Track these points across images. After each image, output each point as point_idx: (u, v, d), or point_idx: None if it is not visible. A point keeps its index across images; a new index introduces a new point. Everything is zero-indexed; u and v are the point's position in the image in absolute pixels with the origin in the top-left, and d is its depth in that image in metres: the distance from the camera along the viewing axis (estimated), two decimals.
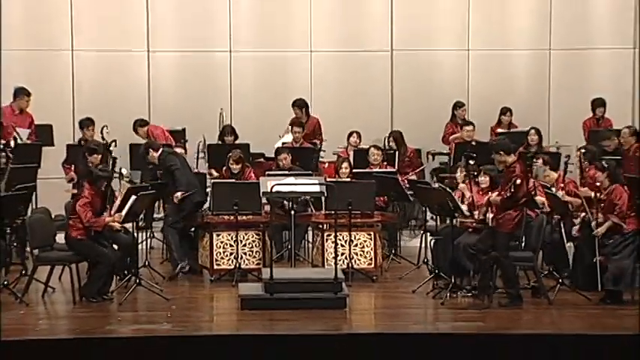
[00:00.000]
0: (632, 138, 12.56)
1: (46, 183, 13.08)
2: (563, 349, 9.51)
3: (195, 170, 13.21)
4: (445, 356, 9.34)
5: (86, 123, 13.66)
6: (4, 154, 11.79)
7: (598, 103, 14.65)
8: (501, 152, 10.57)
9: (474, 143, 13.77)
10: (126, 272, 11.28)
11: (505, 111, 14.74)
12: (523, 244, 10.70)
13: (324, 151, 13.81)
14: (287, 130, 14.01)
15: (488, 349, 9.43)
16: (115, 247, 11.11)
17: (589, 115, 14.59)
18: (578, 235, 11.22)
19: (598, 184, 10.88)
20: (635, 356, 9.29)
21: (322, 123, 14.59)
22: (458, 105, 14.77)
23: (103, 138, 12.93)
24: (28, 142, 13.31)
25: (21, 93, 13.70)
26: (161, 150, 12.28)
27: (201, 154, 13.81)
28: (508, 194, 10.31)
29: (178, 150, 13.14)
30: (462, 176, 11.56)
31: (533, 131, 13.98)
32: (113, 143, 12.52)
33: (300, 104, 14.45)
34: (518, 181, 10.27)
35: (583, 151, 11.52)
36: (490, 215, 10.70)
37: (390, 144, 13.99)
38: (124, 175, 12.02)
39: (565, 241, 11.44)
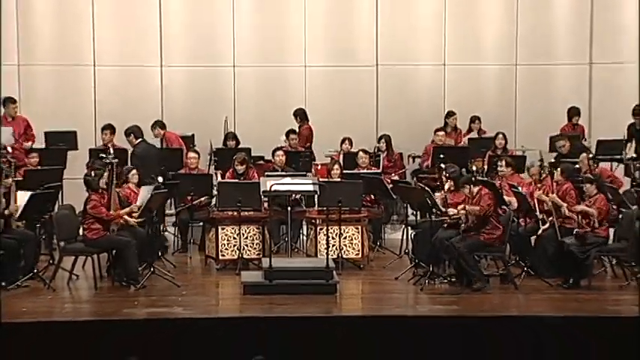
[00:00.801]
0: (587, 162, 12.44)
1: (71, 183, 13.03)
2: (528, 329, 9.55)
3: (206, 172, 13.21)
4: (424, 336, 9.36)
5: (107, 128, 13.70)
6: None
7: (574, 112, 14.69)
8: (466, 185, 10.79)
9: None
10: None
11: (474, 119, 14.75)
12: None
13: (307, 155, 13.71)
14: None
15: (462, 330, 9.47)
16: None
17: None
18: (542, 233, 11.23)
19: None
20: (594, 335, 9.34)
21: (315, 129, 14.59)
22: (449, 114, 14.77)
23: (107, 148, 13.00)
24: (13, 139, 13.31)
25: (7, 102, 13.61)
26: (140, 140, 12.64)
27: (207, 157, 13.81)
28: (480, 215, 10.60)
29: (192, 154, 13.15)
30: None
31: (500, 136, 14.00)
32: (110, 148, 12.62)
33: (295, 113, 14.48)
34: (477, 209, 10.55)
35: (560, 168, 11.45)
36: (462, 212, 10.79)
37: (381, 145, 13.97)
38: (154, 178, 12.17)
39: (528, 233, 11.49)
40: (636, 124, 14.08)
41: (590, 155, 12.66)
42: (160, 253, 11.98)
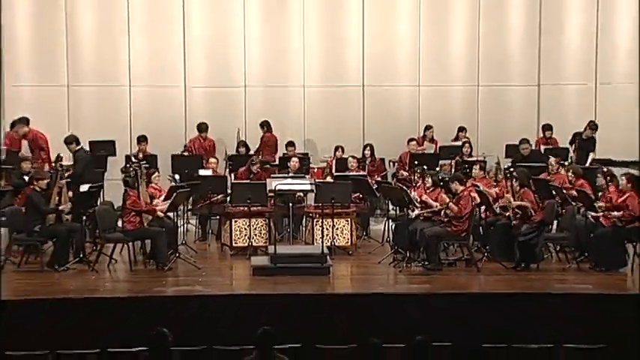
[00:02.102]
0: (557, 166, 12.46)
1: (111, 183, 13.04)
2: (488, 303, 9.59)
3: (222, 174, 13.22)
4: (402, 309, 9.39)
5: (141, 139, 13.72)
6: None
7: (546, 128, 14.57)
8: (456, 182, 10.85)
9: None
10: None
11: (428, 127, 14.66)
12: None
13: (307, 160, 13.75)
14: None
15: (434, 304, 9.50)
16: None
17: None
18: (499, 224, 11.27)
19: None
20: (541, 308, 9.38)
21: (313, 139, 14.62)
22: (427, 127, 14.69)
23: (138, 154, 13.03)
24: None
25: (20, 123, 13.45)
26: (79, 147, 12.39)
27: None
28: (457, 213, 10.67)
29: (212, 159, 13.17)
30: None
31: (467, 144, 14.04)
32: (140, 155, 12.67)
33: (261, 124, 14.53)
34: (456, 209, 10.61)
35: (515, 174, 11.51)
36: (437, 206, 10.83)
37: (367, 152, 13.95)
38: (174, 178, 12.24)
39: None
40: (585, 134, 14.09)
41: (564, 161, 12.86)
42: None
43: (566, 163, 12.99)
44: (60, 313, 9.25)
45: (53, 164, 12.08)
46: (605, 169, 11.72)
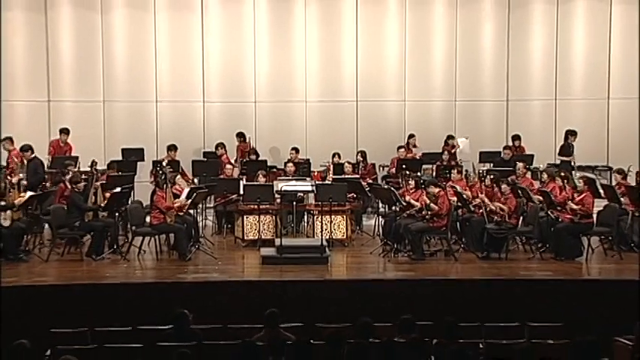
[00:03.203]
0: (525, 170, 12.49)
1: (140, 185, 13.04)
2: (464, 287, 9.62)
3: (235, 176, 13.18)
4: (391, 293, 9.43)
5: (171, 147, 13.68)
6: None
7: (515, 137, 14.47)
8: (431, 186, 10.87)
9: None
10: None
11: (411, 135, 14.53)
12: None
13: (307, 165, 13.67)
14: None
15: (417, 289, 9.53)
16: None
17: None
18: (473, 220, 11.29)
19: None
20: (510, 292, 9.39)
21: (312, 147, 14.58)
22: (410, 136, 14.59)
23: (163, 160, 12.96)
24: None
25: (63, 132, 13.64)
26: (34, 155, 12.20)
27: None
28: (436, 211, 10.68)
29: (229, 166, 13.11)
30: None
31: (445, 153, 14.02)
32: (165, 162, 12.57)
33: (237, 134, 14.40)
34: (437, 208, 10.62)
35: (492, 175, 11.52)
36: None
37: (360, 157, 13.93)
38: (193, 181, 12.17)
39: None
40: (568, 142, 13.97)
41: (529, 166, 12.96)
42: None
43: (532, 168, 13.03)
44: (96, 296, 9.29)
45: (89, 168, 12.10)
46: (562, 173, 11.78)
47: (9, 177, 11.31)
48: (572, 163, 13.85)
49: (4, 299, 8.97)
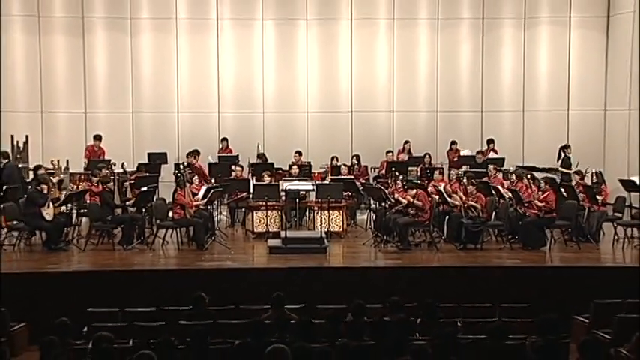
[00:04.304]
0: (496, 172, 12.39)
1: (164, 184, 12.99)
2: (445, 274, 9.61)
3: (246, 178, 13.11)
4: (381, 278, 9.44)
5: (194, 153, 13.56)
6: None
7: (489, 141, 14.50)
8: (409, 189, 10.85)
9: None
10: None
11: (406, 142, 14.56)
12: None
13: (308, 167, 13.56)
14: None
15: (404, 274, 9.53)
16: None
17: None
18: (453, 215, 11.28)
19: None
20: (484, 277, 9.39)
21: (312, 151, 14.54)
22: (406, 142, 14.53)
23: (183, 163, 12.89)
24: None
25: (97, 139, 13.67)
26: (7, 161, 11.88)
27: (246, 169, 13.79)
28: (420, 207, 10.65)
29: (238, 168, 12.97)
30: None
31: (427, 156, 14.02)
32: (182, 165, 12.40)
33: (223, 138, 14.41)
34: (420, 204, 10.59)
35: (466, 176, 11.51)
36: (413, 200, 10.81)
37: (354, 161, 13.91)
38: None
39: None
40: (566, 156, 13.63)
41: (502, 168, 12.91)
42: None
43: (503, 169, 13.04)
44: (126, 280, 9.29)
45: (120, 170, 12.12)
46: (529, 174, 11.79)
47: (52, 178, 11.36)
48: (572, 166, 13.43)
49: (49, 283, 9.04)
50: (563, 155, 13.75)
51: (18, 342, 7.97)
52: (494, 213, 11.16)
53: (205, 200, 11.10)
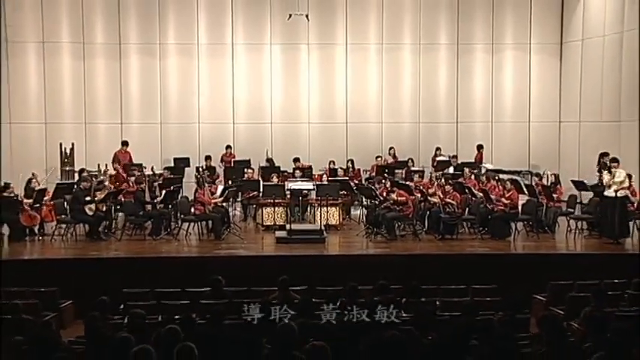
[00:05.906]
0: (470, 173, 12.39)
1: (187, 184, 12.97)
2: (425, 261, 9.60)
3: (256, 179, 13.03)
4: (372, 265, 9.42)
5: (208, 157, 13.61)
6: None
7: (479, 147, 14.38)
8: (395, 189, 10.82)
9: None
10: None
11: (390, 147, 14.49)
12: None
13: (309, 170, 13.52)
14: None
15: (391, 261, 9.52)
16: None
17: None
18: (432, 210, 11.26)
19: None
20: (458, 265, 9.38)
21: (313, 157, 14.43)
22: (390, 148, 14.47)
23: (205, 166, 12.86)
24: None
25: (124, 144, 13.67)
26: None
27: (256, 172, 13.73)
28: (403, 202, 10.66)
29: (249, 170, 12.93)
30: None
31: (410, 161, 13.98)
32: (202, 167, 12.41)
33: (227, 146, 14.26)
34: (404, 199, 10.60)
35: (445, 177, 11.50)
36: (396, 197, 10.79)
37: (349, 164, 13.87)
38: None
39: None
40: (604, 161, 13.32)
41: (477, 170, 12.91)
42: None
43: (475, 171, 13.03)
44: (155, 265, 9.30)
45: (150, 172, 12.10)
46: (496, 176, 11.81)
47: (94, 179, 11.40)
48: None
49: (91, 267, 9.10)
50: (602, 161, 13.33)
51: (66, 317, 8.17)
52: (467, 209, 11.18)
53: (222, 198, 11.11)
